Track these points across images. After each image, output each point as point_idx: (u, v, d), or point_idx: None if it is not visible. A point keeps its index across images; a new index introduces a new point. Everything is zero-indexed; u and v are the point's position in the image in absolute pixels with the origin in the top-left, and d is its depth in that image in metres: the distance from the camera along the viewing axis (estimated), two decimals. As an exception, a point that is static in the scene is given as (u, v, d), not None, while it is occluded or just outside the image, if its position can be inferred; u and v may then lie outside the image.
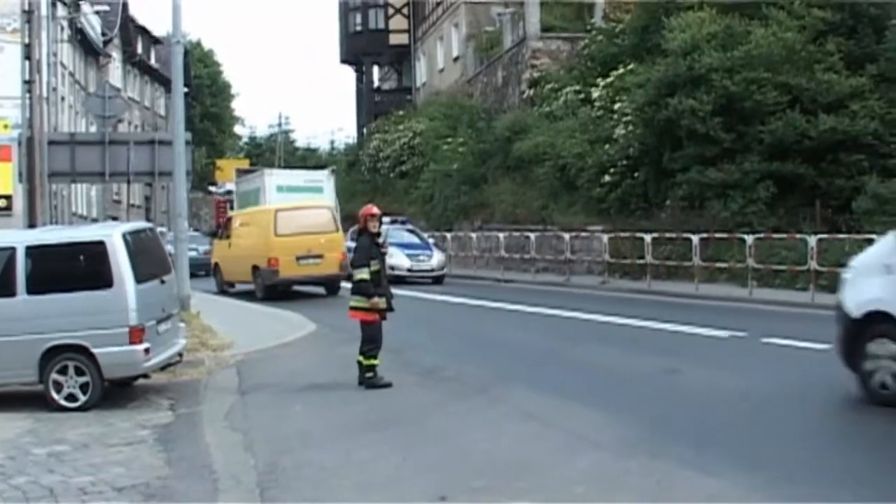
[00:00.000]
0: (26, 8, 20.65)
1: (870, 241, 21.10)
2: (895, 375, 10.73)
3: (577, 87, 38.05)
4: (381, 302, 13.66)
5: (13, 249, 12.84)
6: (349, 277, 15.56)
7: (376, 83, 69.94)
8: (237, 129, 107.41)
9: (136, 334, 12.67)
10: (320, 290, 27.87)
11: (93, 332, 12.59)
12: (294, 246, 26.66)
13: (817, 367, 14.05)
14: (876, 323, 11.06)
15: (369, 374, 13.53)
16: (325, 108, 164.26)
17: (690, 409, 11.43)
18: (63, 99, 45.10)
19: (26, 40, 20.64)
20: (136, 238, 13.50)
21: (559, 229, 31.78)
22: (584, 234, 30.58)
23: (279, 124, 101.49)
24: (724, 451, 9.35)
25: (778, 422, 10.59)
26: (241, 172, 54.96)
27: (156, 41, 70.17)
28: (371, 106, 65.13)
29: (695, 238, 25.15)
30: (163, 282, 13.93)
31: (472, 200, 40.48)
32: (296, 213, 28.14)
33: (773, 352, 15.43)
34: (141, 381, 14.07)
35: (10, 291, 12.74)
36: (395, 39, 63.46)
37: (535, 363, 15.43)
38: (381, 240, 13.97)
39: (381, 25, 63.95)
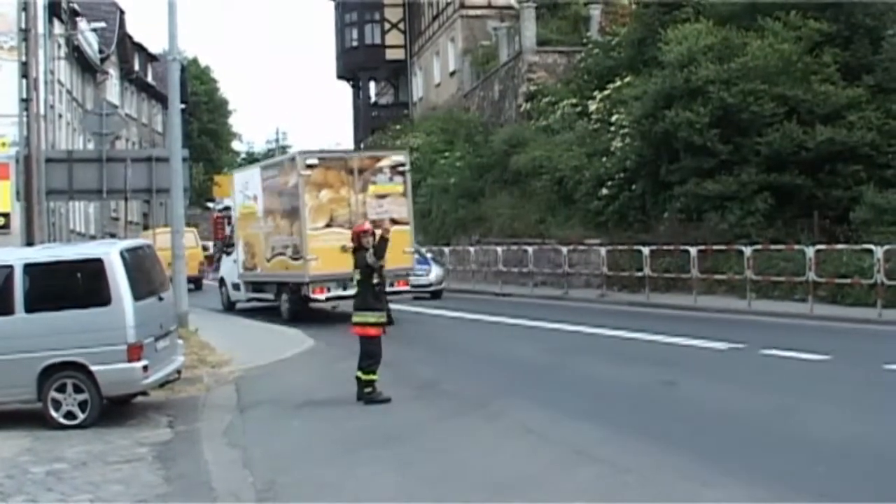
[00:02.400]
0: (23, 26, 20.65)
1: (868, 252, 21.23)
2: None
3: (574, 101, 38.14)
4: (381, 316, 13.75)
5: (11, 268, 12.82)
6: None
7: (373, 98, 70.03)
8: (235, 144, 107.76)
9: (134, 351, 12.64)
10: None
11: (91, 349, 12.55)
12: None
13: (816, 379, 14.06)
14: None
15: (368, 390, 13.52)
16: (323, 124, 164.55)
17: (689, 422, 11.42)
18: (60, 116, 45.13)
19: (23, 58, 20.61)
20: (133, 255, 13.48)
21: (557, 243, 31.78)
22: (581, 247, 30.58)
23: (277, 140, 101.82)
24: (724, 464, 9.34)
25: (777, 433, 10.58)
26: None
27: (153, 58, 70.30)
28: (368, 121, 65.18)
29: (693, 250, 25.15)
30: (161, 299, 13.90)
31: (469, 214, 40.49)
32: None
33: (773, 363, 15.41)
34: (139, 398, 14.03)
35: (8, 309, 12.71)
36: (391, 54, 63.57)
37: (534, 377, 15.41)
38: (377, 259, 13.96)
39: (378, 41, 64.05)
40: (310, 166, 22.68)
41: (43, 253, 14.12)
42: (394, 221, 20.16)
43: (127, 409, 13.81)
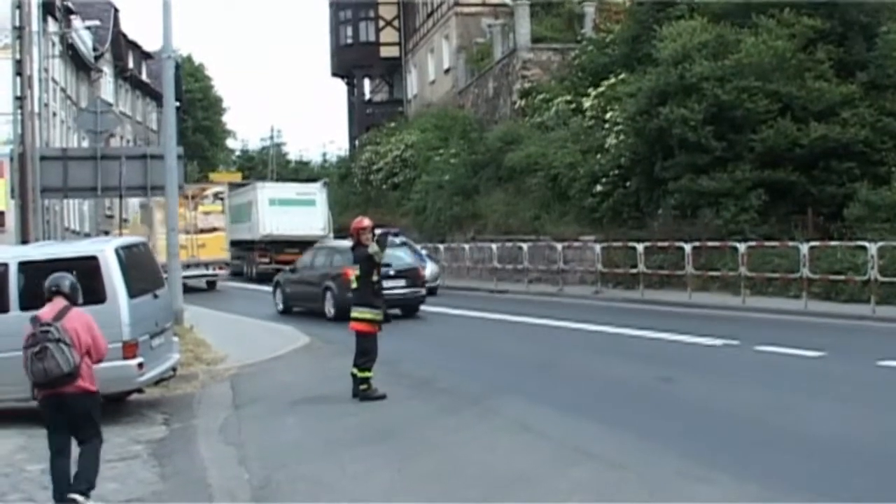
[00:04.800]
0: (17, 23, 20.61)
1: (862, 249, 21.27)
2: None
3: (569, 98, 38.14)
4: (378, 314, 13.76)
5: (6, 266, 12.81)
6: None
7: (368, 96, 70.03)
8: (229, 142, 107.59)
9: (129, 349, 12.63)
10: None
11: (86, 347, 12.53)
12: None
13: (811, 375, 14.09)
14: None
15: (363, 387, 13.52)
16: (317, 121, 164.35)
17: (684, 418, 11.45)
18: (55, 114, 45.06)
19: (17, 56, 20.56)
20: (128, 253, 13.47)
21: (552, 239, 31.80)
22: (576, 243, 30.60)
23: (271, 137, 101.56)
24: (719, 460, 9.36)
25: (772, 430, 10.61)
26: (233, 186, 54.93)
27: (147, 56, 70.13)
28: (363, 118, 65.22)
29: (687, 247, 25.18)
30: (156, 296, 13.90)
31: (464, 211, 40.50)
32: None
33: (767, 360, 15.45)
34: (135, 395, 14.03)
35: (2, 308, 12.69)
36: (385, 52, 63.60)
37: (529, 374, 15.44)
38: (377, 258, 13.95)
39: (372, 38, 64.07)
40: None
41: (38, 251, 14.11)
42: (215, 229, 37.53)
43: (122, 407, 13.81)
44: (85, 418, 8.83)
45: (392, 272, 22.82)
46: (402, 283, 23.92)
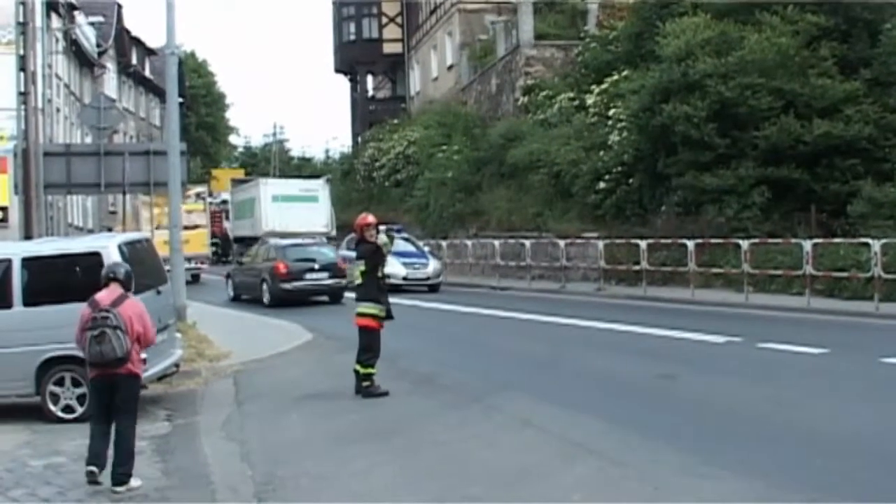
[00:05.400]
0: (21, 19, 20.64)
1: (865, 246, 21.27)
2: None
3: (572, 94, 38.13)
4: (382, 309, 13.75)
5: (9, 261, 12.83)
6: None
7: (370, 92, 70.01)
8: (232, 138, 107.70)
9: (132, 345, 12.63)
10: (319, 299, 27.91)
11: (89, 343, 12.54)
12: None
13: (814, 372, 14.09)
14: None
15: (366, 383, 13.52)
16: (320, 118, 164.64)
17: (687, 415, 11.45)
18: (58, 110, 45.05)
19: (21, 52, 20.61)
20: (131, 249, 13.48)
21: (554, 236, 31.79)
22: (579, 240, 30.58)
23: (274, 134, 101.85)
24: (722, 457, 9.35)
25: (776, 427, 10.60)
26: (236, 182, 55.12)
27: (150, 52, 70.14)
28: (366, 115, 65.17)
29: (690, 244, 25.17)
30: (159, 292, 13.91)
31: (467, 208, 40.50)
32: None
33: (770, 357, 15.45)
34: (138, 391, 14.03)
35: (6, 303, 12.73)
36: (388, 48, 63.53)
37: (532, 370, 15.43)
38: (386, 249, 13.95)
39: (375, 35, 64.03)
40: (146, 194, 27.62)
41: (41, 246, 14.13)
42: (197, 226, 38.84)
43: (125, 403, 13.81)
44: (128, 399, 9.53)
45: (317, 266, 28.22)
46: (325, 275, 28.20)
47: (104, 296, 9.58)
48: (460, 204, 40.98)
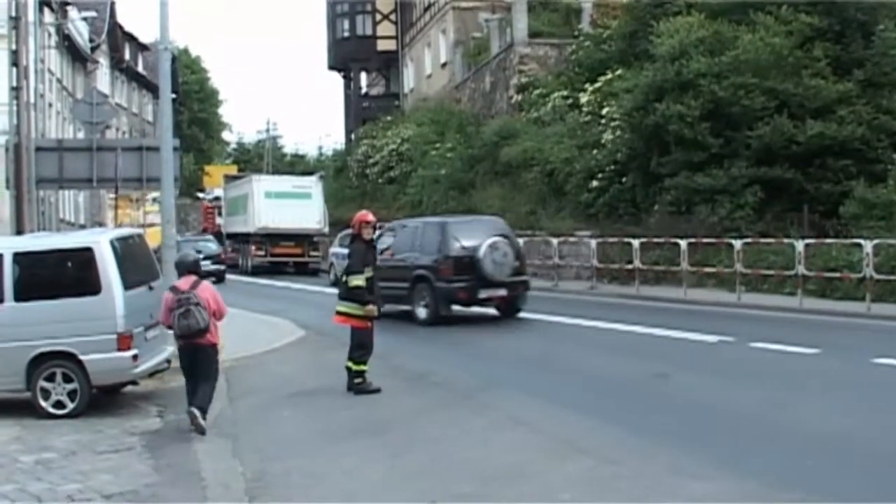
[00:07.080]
0: (13, 14, 20.61)
1: (857, 246, 21.30)
2: None
3: (565, 93, 38.13)
4: (374, 310, 13.69)
5: (0, 256, 12.80)
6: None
7: (364, 89, 69.93)
8: (225, 134, 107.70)
9: (124, 341, 12.64)
10: (311, 297, 27.94)
11: (80, 338, 12.54)
12: None
13: (806, 372, 14.09)
14: None
15: (358, 380, 13.51)
16: (313, 115, 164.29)
17: (679, 415, 11.44)
18: (51, 105, 44.97)
19: (13, 46, 20.60)
20: (123, 244, 13.47)
21: (547, 234, 31.76)
22: (572, 239, 30.58)
23: (267, 130, 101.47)
24: (714, 456, 9.35)
25: (767, 427, 10.60)
26: (229, 178, 54.98)
27: (143, 47, 70.10)
28: (359, 112, 65.13)
29: (683, 243, 25.15)
30: (151, 288, 13.89)
31: (460, 206, 40.36)
32: None
33: (762, 356, 15.44)
34: (129, 387, 14.02)
35: (-3, 298, 12.70)
36: (382, 45, 63.53)
37: (523, 369, 15.42)
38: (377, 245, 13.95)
39: (369, 31, 64.02)
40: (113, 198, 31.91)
41: (33, 242, 14.13)
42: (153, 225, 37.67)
43: (116, 399, 13.81)
44: (209, 362, 11.93)
45: (202, 256, 28.16)
46: (208, 262, 32.65)
47: (182, 282, 11.76)
48: (453, 202, 40.90)
